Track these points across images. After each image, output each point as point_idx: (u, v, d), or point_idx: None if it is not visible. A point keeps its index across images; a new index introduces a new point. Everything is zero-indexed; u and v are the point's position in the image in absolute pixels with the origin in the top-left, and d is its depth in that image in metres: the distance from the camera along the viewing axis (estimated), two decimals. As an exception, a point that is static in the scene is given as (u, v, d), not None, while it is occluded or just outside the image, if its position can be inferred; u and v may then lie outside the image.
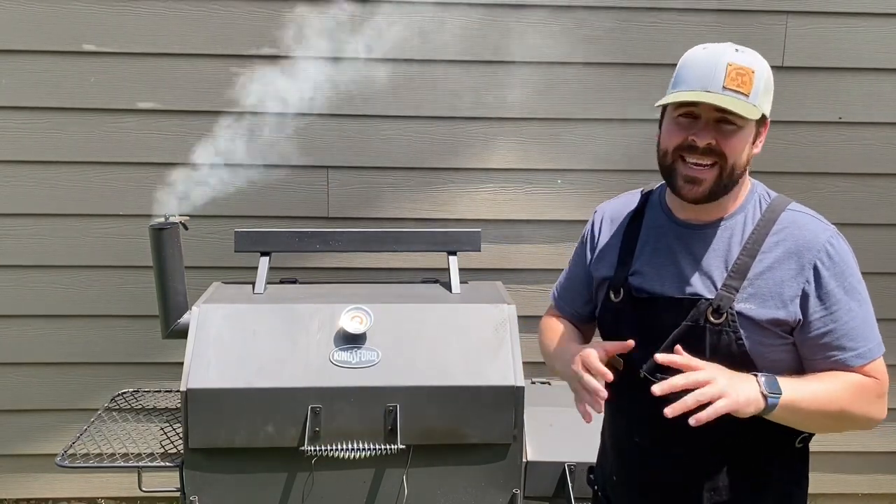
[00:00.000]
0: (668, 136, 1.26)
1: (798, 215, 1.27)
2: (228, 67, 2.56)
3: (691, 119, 1.23)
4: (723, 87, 1.18)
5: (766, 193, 1.32)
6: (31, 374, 2.74)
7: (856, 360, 1.22)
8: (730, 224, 1.29)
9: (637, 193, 1.47)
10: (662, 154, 1.28)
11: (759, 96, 1.20)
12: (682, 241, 1.32)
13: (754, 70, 1.20)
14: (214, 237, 2.63)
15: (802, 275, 1.22)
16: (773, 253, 1.24)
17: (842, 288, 1.22)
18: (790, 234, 1.25)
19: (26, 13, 2.51)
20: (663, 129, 1.29)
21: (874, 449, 2.93)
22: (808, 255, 1.22)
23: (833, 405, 1.19)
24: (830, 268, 1.22)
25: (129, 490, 2.80)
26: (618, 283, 1.38)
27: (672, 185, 1.28)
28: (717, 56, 1.21)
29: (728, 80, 1.18)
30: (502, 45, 2.62)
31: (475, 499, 1.90)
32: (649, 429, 1.33)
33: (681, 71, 1.25)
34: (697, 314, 1.25)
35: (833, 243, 1.23)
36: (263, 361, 1.85)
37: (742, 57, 1.21)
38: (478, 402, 1.84)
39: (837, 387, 1.20)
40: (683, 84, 1.22)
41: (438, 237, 2.24)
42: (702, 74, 1.20)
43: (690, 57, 1.25)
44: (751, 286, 1.23)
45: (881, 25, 2.66)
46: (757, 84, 1.20)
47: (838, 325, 1.21)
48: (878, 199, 2.78)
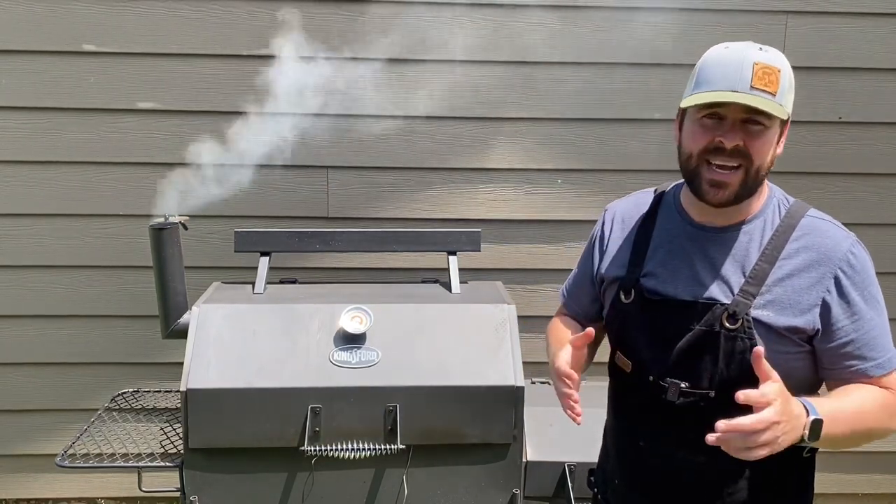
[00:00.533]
0: (692, 139, 1.22)
1: (818, 222, 1.25)
2: (229, 67, 2.56)
3: (717, 120, 1.19)
4: (751, 86, 1.14)
5: (785, 198, 1.30)
6: (31, 374, 2.74)
7: (876, 370, 1.21)
8: (749, 229, 1.26)
9: (649, 193, 1.44)
10: (686, 157, 1.24)
11: (784, 95, 1.17)
12: (697, 244, 1.29)
13: (780, 69, 1.17)
14: (214, 237, 2.63)
15: (823, 284, 1.20)
16: (793, 260, 1.22)
17: (863, 298, 1.20)
18: (811, 242, 1.22)
19: (26, 13, 2.51)
20: (685, 131, 1.25)
21: (874, 449, 2.90)
22: (830, 264, 1.20)
23: (862, 426, 1.18)
24: (852, 277, 1.20)
25: (129, 490, 2.80)
26: (629, 283, 1.35)
27: (696, 189, 1.24)
28: (742, 55, 1.17)
29: (756, 79, 1.14)
30: (503, 44, 2.62)
31: (475, 499, 1.90)
32: (655, 433, 1.32)
33: (703, 71, 1.21)
34: (712, 319, 1.23)
35: (855, 252, 1.22)
36: (263, 361, 1.85)
37: (767, 56, 1.17)
38: (478, 402, 1.84)
39: (866, 408, 1.18)
40: (708, 84, 1.18)
41: (438, 237, 2.24)
42: (728, 74, 1.16)
43: (713, 56, 1.21)
44: (769, 293, 1.21)
45: (881, 25, 2.66)
46: (783, 83, 1.17)
47: (860, 335, 1.20)
48: (878, 199, 2.78)
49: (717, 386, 1.22)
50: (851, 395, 1.19)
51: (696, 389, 1.24)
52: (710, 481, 1.28)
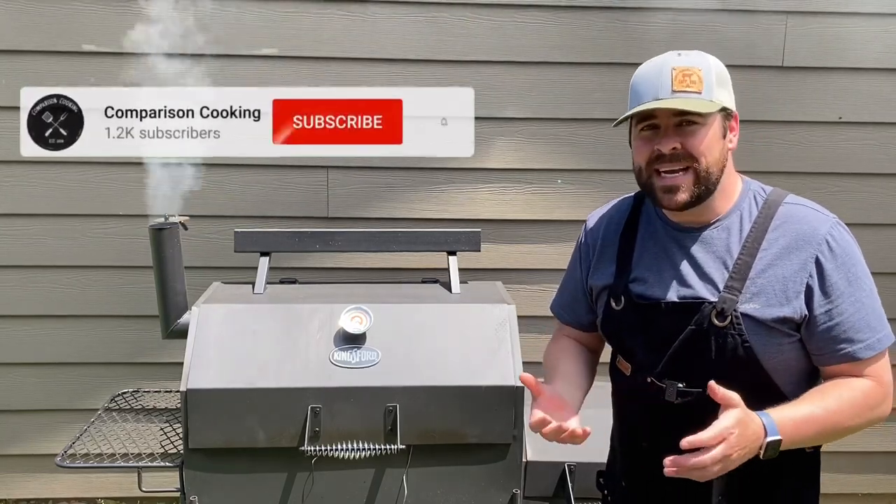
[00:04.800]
0: (637, 153, 1.28)
1: (796, 208, 1.26)
2: (228, 67, 2.56)
3: (654, 131, 1.24)
4: (672, 90, 1.20)
5: (762, 189, 1.31)
6: (31, 374, 2.74)
7: (865, 351, 1.21)
8: (726, 224, 1.28)
9: (627, 198, 1.46)
10: (638, 172, 1.29)
11: (713, 91, 1.21)
12: (679, 244, 1.31)
13: (700, 68, 1.21)
14: (214, 237, 2.63)
15: (805, 269, 1.20)
16: (772, 249, 1.23)
17: (846, 279, 1.20)
18: (789, 229, 1.23)
19: (26, 13, 2.51)
20: (633, 147, 1.31)
21: (874, 449, 2.93)
22: (809, 248, 1.21)
23: (839, 426, 1.19)
24: (832, 259, 1.20)
25: (129, 490, 2.79)
26: (618, 290, 1.35)
27: (654, 199, 1.28)
28: (660, 65, 1.24)
29: (676, 83, 1.20)
30: (503, 44, 2.62)
31: (475, 499, 1.90)
32: (656, 434, 1.32)
33: (633, 88, 1.28)
34: (701, 318, 1.23)
35: (834, 234, 1.22)
36: (263, 361, 1.85)
37: (685, 59, 1.23)
38: (478, 402, 1.84)
39: (843, 407, 1.19)
40: (637, 98, 1.25)
41: (438, 237, 2.24)
42: (650, 85, 1.23)
43: (639, 72, 1.28)
44: (753, 285, 1.22)
45: (881, 25, 2.66)
46: (708, 79, 1.21)
47: (845, 318, 1.20)
48: (878, 199, 2.77)
49: None
50: (827, 397, 1.20)
51: (694, 388, 1.24)
52: (714, 482, 1.27)
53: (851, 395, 1.20)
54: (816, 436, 1.19)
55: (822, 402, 1.19)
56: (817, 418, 1.17)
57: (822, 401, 1.19)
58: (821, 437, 1.21)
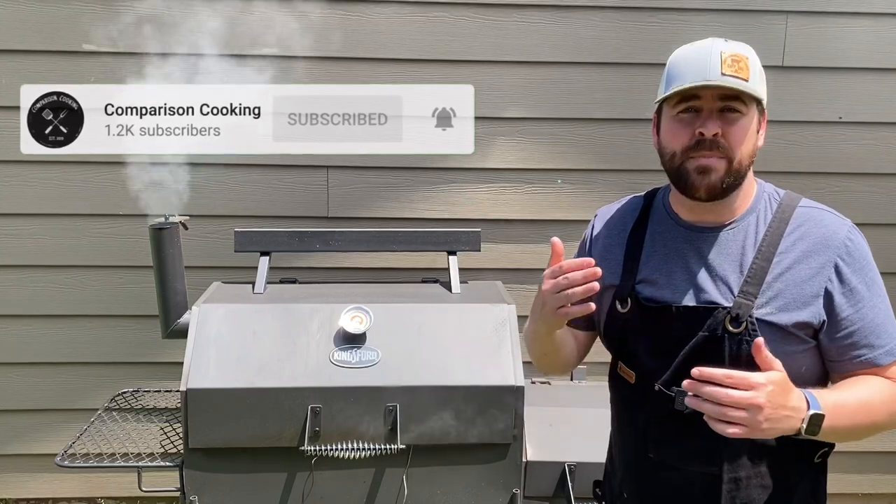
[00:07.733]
0: (672, 137, 1.21)
1: (812, 211, 1.23)
2: (228, 65, 2.55)
3: (693, 113, 1.18)
4: (721, 73, 1.14)
5: (776, 192, 1.27)
6: (31, 374, 2.74)
7: (885, 357, 1.18)
8: (742, 226, 1.23)
9: (637, 197, 1.41)
10: (670, 156, 1.22)
11: (756, 82, 1.17)
12: (692, 245, 1.26)
13: (748, 57, 1.18)
14: (214, 237, 2.63)
15: (823, 273, 1.17)
16: (790, 253, 1.19)
17: (864, 284, 1.18)
18: (807, 232, 1.20)
19: (26, 13, 2.51)
20: (663, 130, 1.24)
21: (874, 449, 2.92)
22: (828, 252, 1.18)
23: (867, 419, 1.15)
24: (851, 264, 1.18)
25: (129, 490, 2.79)
26: (624, 291, 1.30)
27: (684, 183, 1.21)
28: (708, 47, 1.18)
29: (725, 66, 1.14)
30: (503, 44, 2.62)
31: (475, 499, 1.90)
32: (664, 445, 1.27)
33: (673, 69, 1.21)
34: (715, 323, 1.18)
35: (852, 238, 1.20)
36: (263, 361, 1.85)
37: (734, 45, 1.18)
38: (478, 402, 1.84)
39: (873, 401, 1.15)
40: (679, 79, 1.18)
41: (438, 237, 2.24)
42: (697, 66, 1.16)
43: (680, 54, 1.22)
44: (769, 290, 1.17)
45: (881, 25, 2.66)
46: (753, 70, 1.17)
47: (865, 323, 1.17)
48: (878, 199, 2.77)
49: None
50: (857, 388, 1.16)
51: None
52: (723, 491, 1.23)
53: (880, 388, 1.17)
54: (849, 424, 1.13)
55: (852, 391, 1.16)
56: (850, 406, 1.13)
57: (852, 389, 1.16)
58: (852, 429, 1.15)
